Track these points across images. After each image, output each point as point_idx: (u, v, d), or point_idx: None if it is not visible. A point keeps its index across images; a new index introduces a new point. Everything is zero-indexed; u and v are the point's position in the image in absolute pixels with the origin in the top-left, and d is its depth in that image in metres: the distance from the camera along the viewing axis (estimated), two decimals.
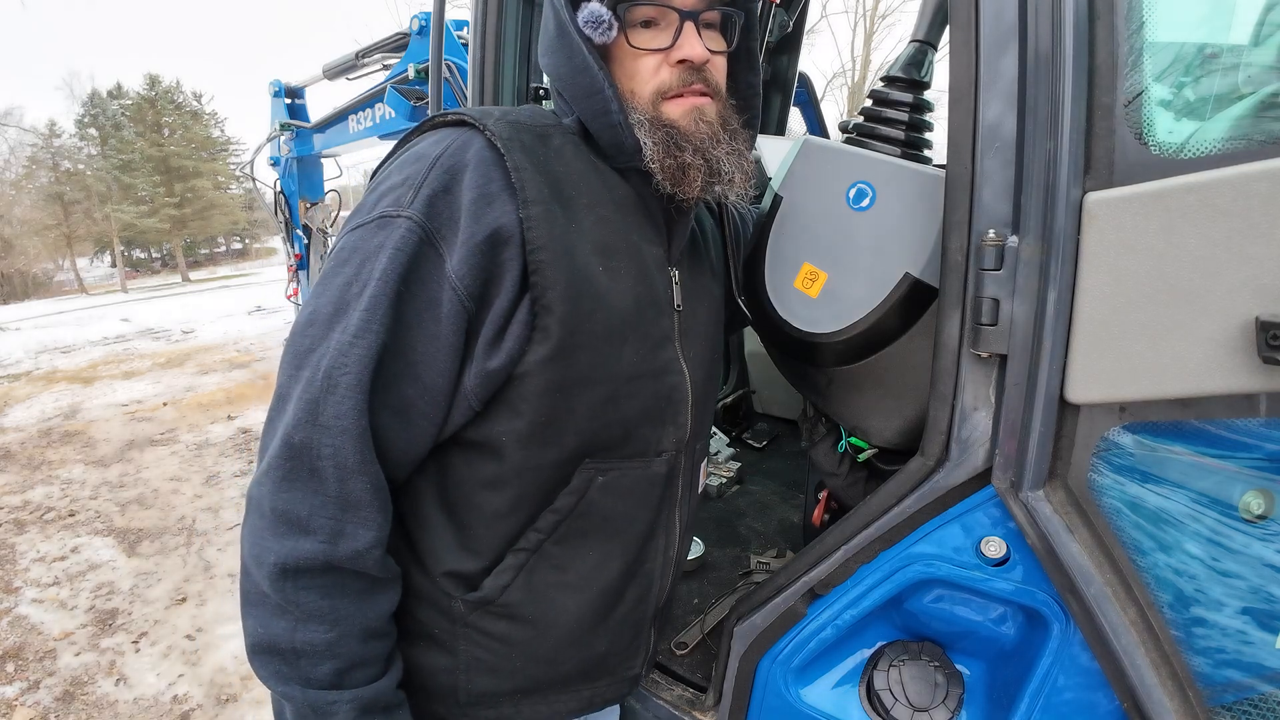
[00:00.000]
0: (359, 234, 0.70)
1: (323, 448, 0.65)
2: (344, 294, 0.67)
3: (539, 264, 0.69)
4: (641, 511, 0.83)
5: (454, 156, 0.71)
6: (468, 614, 0.78)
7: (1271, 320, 0.57)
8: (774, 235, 1.00)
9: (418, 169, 0.70)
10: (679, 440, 0.84)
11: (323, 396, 0.65)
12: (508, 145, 0.71)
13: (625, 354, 0.75)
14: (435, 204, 0.68)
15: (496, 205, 0.69)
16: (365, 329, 0.65)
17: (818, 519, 1.33)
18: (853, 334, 0.92)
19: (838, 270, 0.93)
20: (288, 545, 0.66)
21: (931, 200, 0.83)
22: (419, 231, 0.67)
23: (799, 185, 0.98)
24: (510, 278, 0.69)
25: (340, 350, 0.65)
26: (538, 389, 0.71)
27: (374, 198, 0.72)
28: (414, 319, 0.68)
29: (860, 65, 18.27)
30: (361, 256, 0.68)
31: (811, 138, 1.00)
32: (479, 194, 0.69)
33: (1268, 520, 0.68)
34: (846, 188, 0.91)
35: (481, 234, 0.68)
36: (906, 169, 0.88)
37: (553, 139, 0.77)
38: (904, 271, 0.86)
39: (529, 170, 0.71)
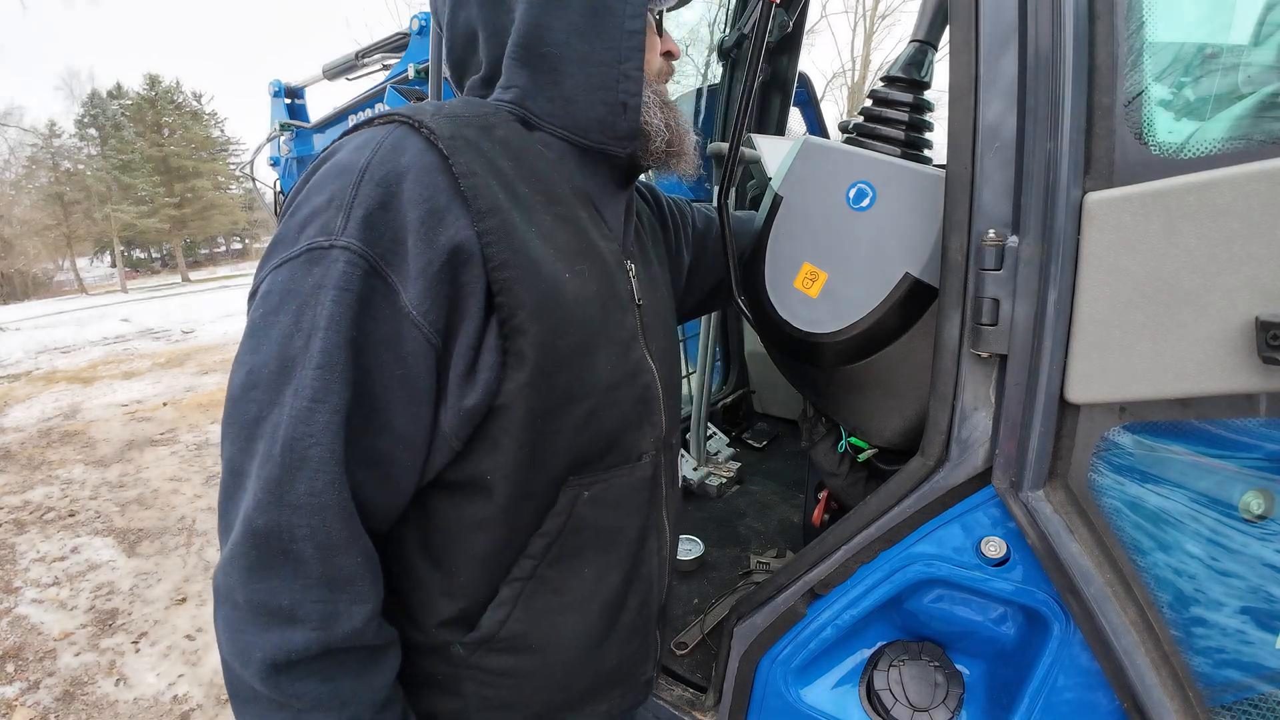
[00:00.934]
0: (286, 272, 0.59)
1: (295, 529, 0.57)
2: (286, 348, 0.57)
3: (504, 282, 0.62)
4: (632, 518, 0.80)
5: (386, 163, 0.60)
6: (469, 656, 0.74)
7: (1271, 320, 0.57)
8: (774, 235, 1.01)
9: (343, 184, 0.59)
10: (657, 439, 0.82)
11: (286, 474, 0.57)
12: (451, 146, 0.62)
13: (600, 364, 0.71)
14: (373, 225, 0.58)
15: (448, 220, 0.60)
16: (325, 391, 0.57)
17: (818, 519, 1.33)
18: (853, 334, 0.92)
19: (838, 270, 0.93)
20: (274, 639, 0.58)
21: (931, 200, 0.83)
22: (361, 263, 0.58)
23: (799, 185, 0.98)
24: (474, 301, 0.62)
25: (298, 419, 0.56)
26: (519, 418, 0.66)
27: (295, 224, 0.60)
28: (374, 365, 0.60)
29: (860, 65, 18.28)
30: (297, 301, 0.58)
31: (811, 138, 1.00)
32: (427, 209, 0.60)
33: (1268, 520, 0.68)
34: (846, 187, 0.91)
35: (439, 258, 0.59)
36: (906, 169, 0.88)
37: (496, 129, 0.69)
38: (904, 271, 0.86)
39: (480, 174, 0.63)
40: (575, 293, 0.68)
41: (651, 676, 0.92)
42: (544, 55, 0.71)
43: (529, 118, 0.74)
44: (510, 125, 0.72)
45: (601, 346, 0.71)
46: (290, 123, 4.25)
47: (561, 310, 0.66)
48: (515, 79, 0.74)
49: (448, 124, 0.64)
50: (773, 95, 2.18)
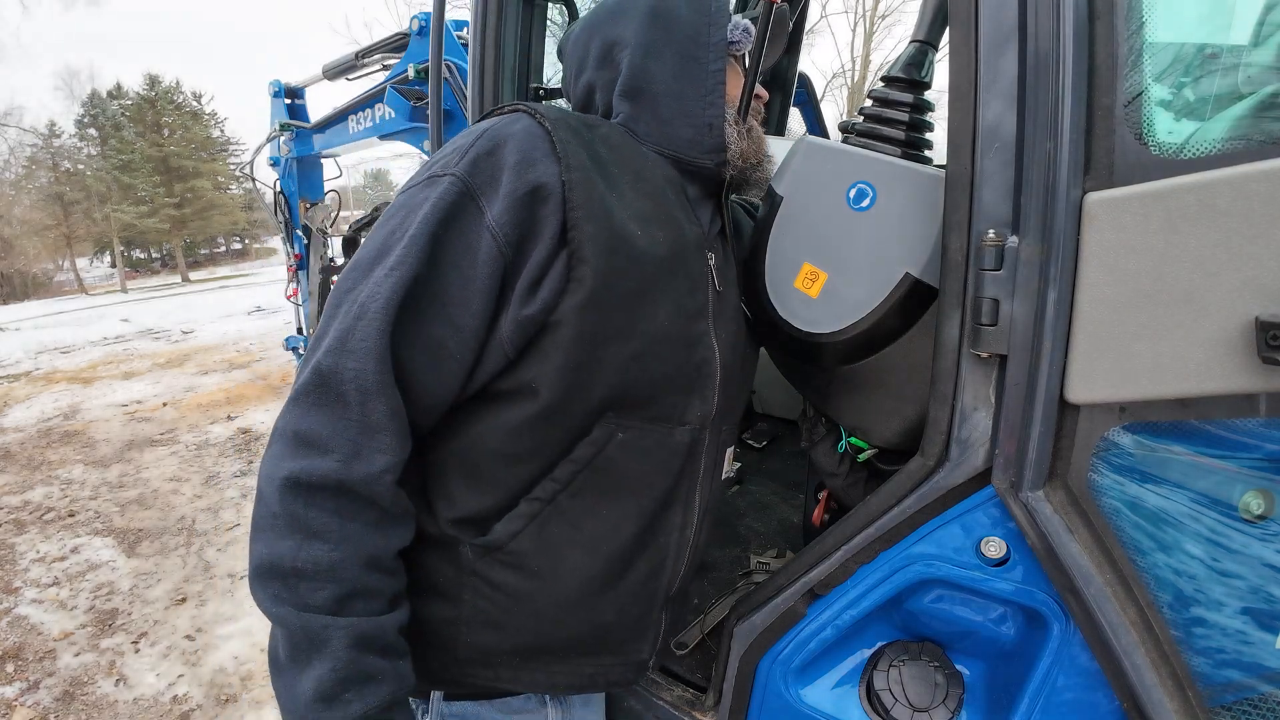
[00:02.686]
0: (408, 194, 0.76)
1: (346, 371, 0.68)
2: (387, 241, 0.72)
3: (577, 220, 0.73)
4: (659, 478, 0.83)
5: (501, 129, 0.77)
6: (475, 561, 0.79)
7: (1271, 320, 0.57)
8: (774, 235, 1.01)
9: (467, 139, 0.77)
10: (704, 415, 0.85)
11: (353, 325, 0.69)
12: (555, 124, 0.77)
13: (659, 315, 0.79)
14: (479, 164, 0.74)
15: (539, 167, 0.74)
16: (400, 263, 0.70)
17: (818, 519, 1.33)
18: (853, 334, 0.92)
19: (838, 270, 0.94)
20: (303, 463, 0.67)
21: (932, 200, 0.83)
22: (460, 185, 0.73)
23: (799, 185, 0.98)
24: (549, 233, 0.74)
25: (376, 283, 0.70)
26: (570, 336, 0.74)
27: (428, 164, 0.78)
28: (450, 263, 0.72)
29: (860, 65, 18.28)
30: (406, 210, 0.74)
31: (811, 138, 1.01)
32: (522, 157, 0.74)
33: (1268, 520, 0.68)
34: (847, 188, 0.92)
35: (523, 189, 0.73)
36: (907, 169, 0.88)
37: (600, 128, 0.85)
38: (904, 271, 0.86)
39: (574, 144, 0.77)
40: (644, 247, 0.77)
41: (646, 660, 0.92)
42: (644, 92, 0.88)
43: (634, 134, 0.90)
44: (615, 129, 0.88)
45: (662, 302, 0.79)
46: (290, 123, 4.25)
47: (626, 255, 0.76)
48: (622, 109, 0.91)
49: (556, 113, 0.80)
50: (773, 95, 2.18)
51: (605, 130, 0.86)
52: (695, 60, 0.87)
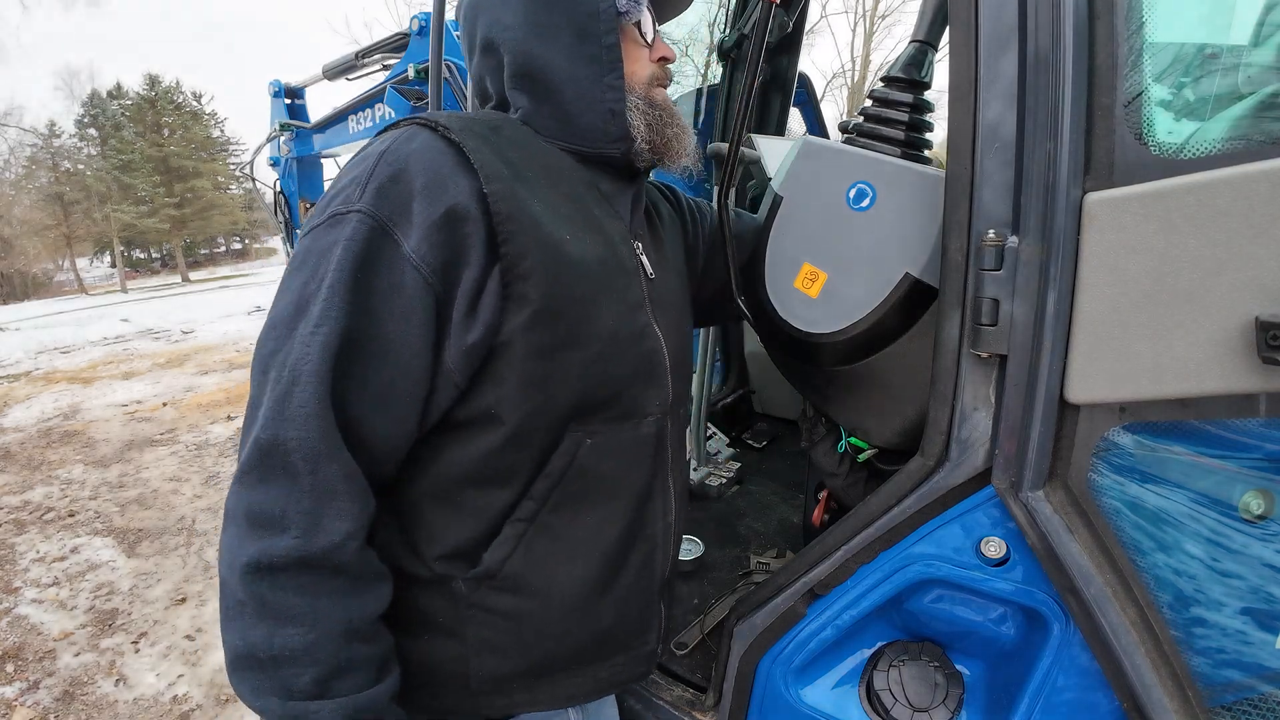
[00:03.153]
0: (312, 237, 0.70)
1: (289, 441, 0.63)
2: (303, 294, 0.67)
3: (508, 233, 0.70)
4: (635, 473, 0.83)
5: (398, 150, 0.71)
6: (471, 593, 0.77)
7: (1271, 320, 0.57)
8: (774, 235, 1.01)
9: (363, 167, 0.71)
10: (663, 403, 0.85)
11: (287, 391, 0.64)
12: (461, 134, 0.72)
13: (604, 316, 0.77)
14: (384, 193, 0.69)
15: (451, 184, 0.70)
16: (324, 317, 0.65)
17: (818, 519, 1.33)
18: (853, 334, 0.92)
19: (838, 270, 0.94)
20: (260, 544, 0.63)
21: (931, 200, 0.83)
22: (369, 221, 0.67)
23: (799, 185, 0.98)
24: (476, 253, 0.70)
25: (303, 343, 0.65)
26: (521, 356, 0.72)
27: (324, 202, 0.72)
28: (378, 306, 0.68)
29: (860, 65, 18.27)
30: (316, 257, 0.68)
31: (811, 138, 1.00)
32: (430, 178, 0.70)
33: (1268, 520, 0.68)
34: (847, 188, 0.92)
35: (438, 213, 0.68)
36: (907, 169, 0.88)
37: (503, 129, 0.79)
38: (904, 271, 0.87)
39: (485, 152, 0.72)
40: (576, 251, 0.75)
41: (655, 650, 0.92)
42: (538, 80, 0.82)
43: (535, 129, 0.84)
44: (518, 129, 0.82)
45: (604, 303, 0.77)
46: (290, 123, 4.24)
47: (561, 261, 0.73)
48: (519, 102, 0.85)
49: (458, 122, 0.74)
50: (773, 95, 2.18)
51: (510, 131, 0.80)
52: (588, 35, 0.80)
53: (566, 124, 0.83)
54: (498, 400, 0.73)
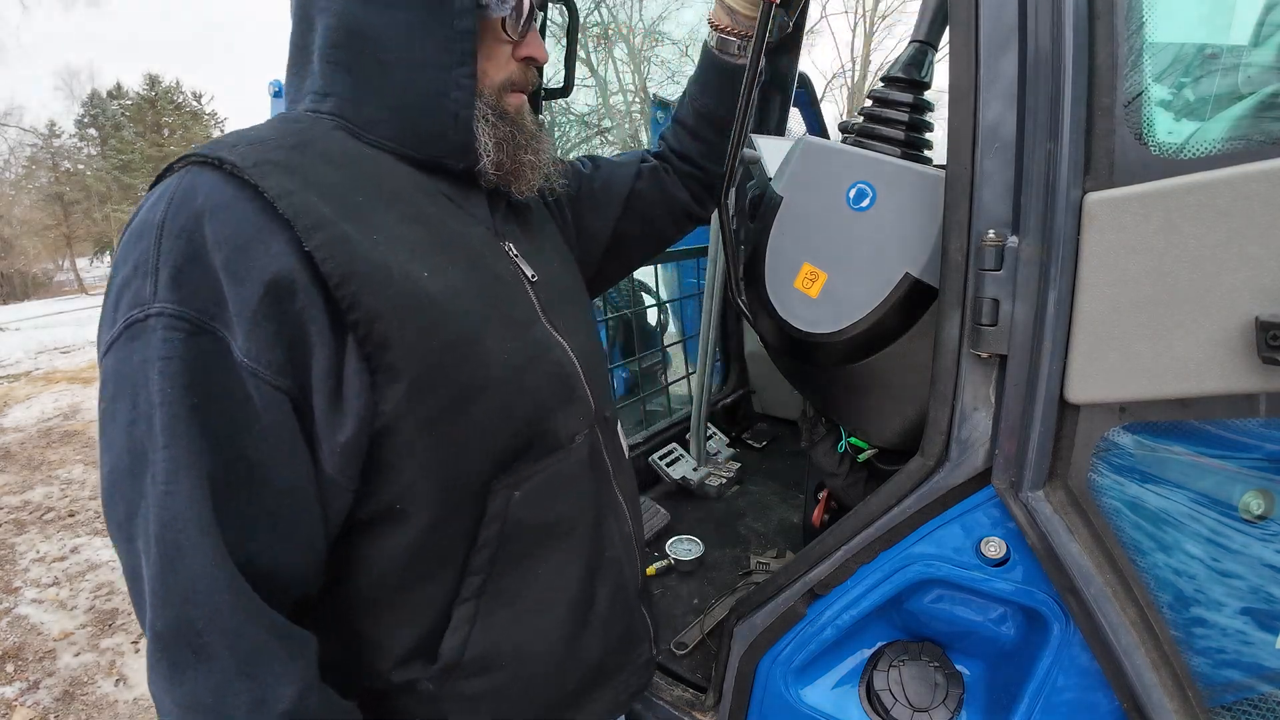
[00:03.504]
0: (114, 356, 0.55)
1: (194, 621, 0.53)
2: (132, 437, 0.53)
3: (351, 297, 0.56)
4: (578, 505, 0.75)
5: (182, 211, 0.54)
6: (440, 689, 0.69)
7: (1271, 320, 0.57)
8: (774, 235, 1.01)
9: (145, 247, 0.54)
10: (587, 415, 0.76)
11: (168, 566, 0.52)
12: (257, 171, 0.56)
13: (493, 350, 0.66)
14: (183, 282, 0.53)
15: (259, 250, 0.54)
16: (177, 469, 0.52)
17: (818, 519, 1.33)
18: (853, 334, 0.92)
19: (838, 270, 0.94)
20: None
21: (931, 200, 0.83)
22: (180, 325, 0.53)
23: (799, 185, 0.98)
24: (317, 328, 0.56)
25: (162, 506, 0.52)
26: (411, 435, 0.61)
27: (111, 303, 0.56)
28: (229, 425, 0.54)
29: (860, 65, 18.27)
30: (130, 384, 0.53)
31: (811, 138, 1.00)
32: (233, 247, 0.54)
33: (1268, 520, 0.68)
34: (846, 188, 0.91)
35: (254, 296, 0.53)
36: (907, 169, 0.88)
37: (312, 144, 0.63)
38: (904, 271, 0.86)
39: (297, 192, 0.57)
40: (440, 287, 0.63)
41: (651, 656, 0.90)
42: (361, 56, 0.65)
43: (351, 128, 0.68)
44: (331, 137, 0.65)
45: (489, 332, 0.66)
46: None
47: (427, 309, 0.61)
48: (333, 85, 0.67)
49: (249, 152, 0.58)
50: (773, 95, 2.18)
51: (322, 142, 0.64)
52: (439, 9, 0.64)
53: (397, 120, 0.67)
54: (400, 494, 0.63)
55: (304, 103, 0.69)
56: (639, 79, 12.05)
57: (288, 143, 0.61)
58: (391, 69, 0.66)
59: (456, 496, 0.65)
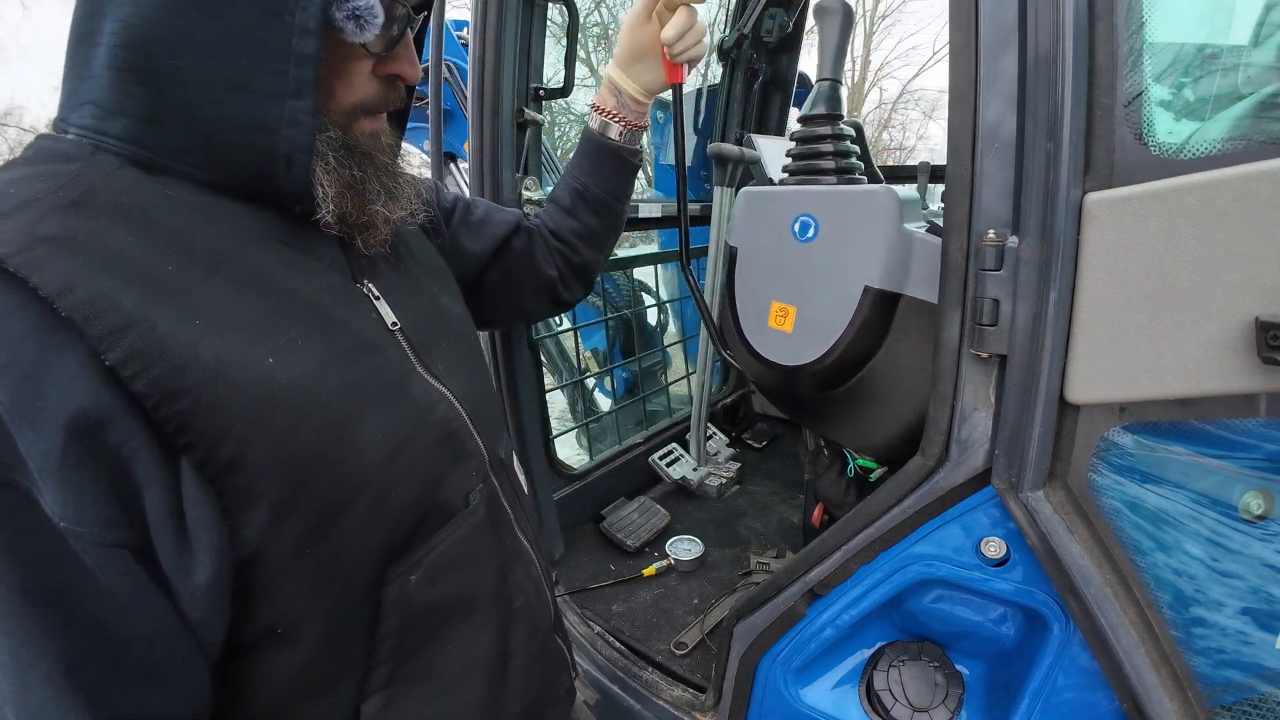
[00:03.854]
0: None
1: None
2: None
3: (181, 418, 0.45)
4: (481, 570, 0.68)
5: None
6: None
7: (1271, 320, 0.57)
8: (738, 285, 1.06)
9: None
10: (480, 467, 0.69)
11: None
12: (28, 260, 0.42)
13: (367, 435, 0.56)
14: None
15: (49, 380, 0.42)
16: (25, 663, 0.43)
17: (817, 519, 1.33)
18: (837, 354, 0.94)
19: (804, 300, 0.97)
20: None
21: (869, 212, 0.87)
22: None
23: (748, 233, 1.04)
24: (142, 462, 0.45)
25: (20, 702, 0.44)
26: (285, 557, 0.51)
27: None
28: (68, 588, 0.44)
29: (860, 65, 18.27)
30: None
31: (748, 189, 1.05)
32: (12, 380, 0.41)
33: (1268, 520, 0.68)
34: (791, 224, 0.96)
35: (54, 443, 0.41)
36: (839, 191, 0.93)
37: (98, 195, 0.48)
38: (864, 285, 0.89)
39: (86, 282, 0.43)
40: (291, 374, 0.51)
41: (570, 683, 0.86)
42: (169, 65, 0.50)
43: (148, 158, 0.52)
44: (118, 177, 0.50)
45: (359, 415, 0.56)
46: None
47: (280, 411, 0.50)
48: (123, 100, 0.50)
49: (14, 226, 0.43)
50: (773, 95, 2.18)
51: (110, 194, 0.48)
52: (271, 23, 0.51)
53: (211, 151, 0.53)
54: (280, 617, 0.54)
55: (79, 118, 0.52)
56: None
57: (63, 199, 0.46)
58: (204, 87, 0.50)
59: (346, 606, 0.57)
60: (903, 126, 18.58)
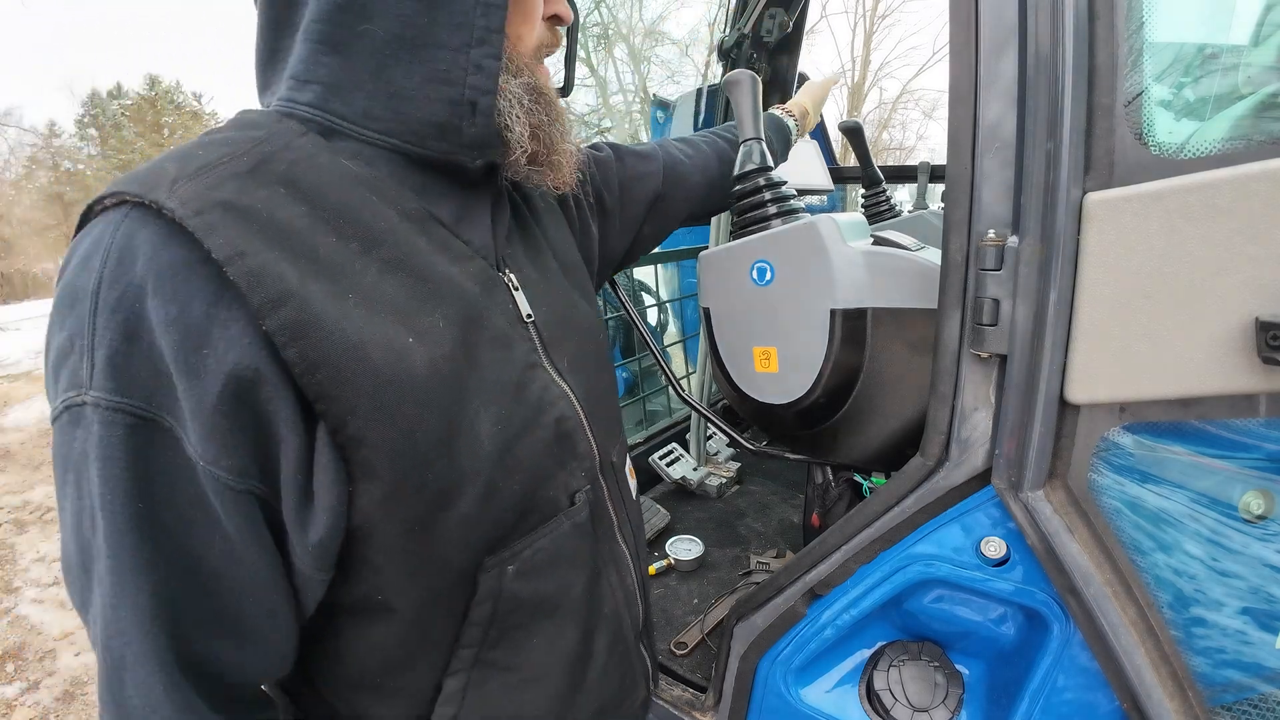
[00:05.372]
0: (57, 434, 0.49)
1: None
2: (80, 532, 0.49)
3: (320, 387, 0.48)
4: (576, 570, 0.69)
5: (120, 279, 0.45)
6: None
7: (1271, 320, 0.57)
8: (719, 342, 1.12)
9: (79, 318, 0.46)
10: (590, 470, 0.70)
11: (114, 675, 0.49)
12: (204, 223, 0.45)
13: (483, 428, 0.57)
14: (122, 367, 0.45)
15: (215, 335, 0.46)
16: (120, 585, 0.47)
17: (817, 519, 1.33)
18: (825, 382, 0.96)
19: (781, 339, 1.01)
20: None
21: (813, 243, 0.92)
22: (120, 419, 0.45)
23: (715, 293, 1.10)
24: (285, 422, 0.48)
25: (107, 618, 0.48)
26: (390, 535, 0.54)
27: (52, 368, 0.49)
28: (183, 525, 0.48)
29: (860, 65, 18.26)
30: (74, 472, 0.48)
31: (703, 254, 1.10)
32: (182, 331, 0.45)
33: (1268, 520, 0.68)
34: (749, 272, 1.01)
35: (212, 391, 0.46)
36: (782, 232, 0.97)
37: (273, 163, 0.52)
38: (829, 309, 0.92)
39: (254, 251, 0.46)
40: (428, 358, 0.54)
41: (646, 695, 0.87)
42: (360, 33, 0.54)
43: (333, 123, 0.56)
44: (298, 145, 0.54)
45: (482, 406, 0.58)
46: None
47: (411, 395, 0.52)
48: (316, 69, 0.55)
49: (196, 189, 0.47)
50: (773, 95, 2.18)
51: (285, 162, 0.52)
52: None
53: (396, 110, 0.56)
54: (379, 586, 0.57)
55: (278, 93, 0.58)
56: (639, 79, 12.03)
57: (241, 166, 0.50)
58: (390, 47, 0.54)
59: (442, 584, 0.60)
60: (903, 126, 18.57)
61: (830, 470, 1.29)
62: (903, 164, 3.19)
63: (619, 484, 0.79)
